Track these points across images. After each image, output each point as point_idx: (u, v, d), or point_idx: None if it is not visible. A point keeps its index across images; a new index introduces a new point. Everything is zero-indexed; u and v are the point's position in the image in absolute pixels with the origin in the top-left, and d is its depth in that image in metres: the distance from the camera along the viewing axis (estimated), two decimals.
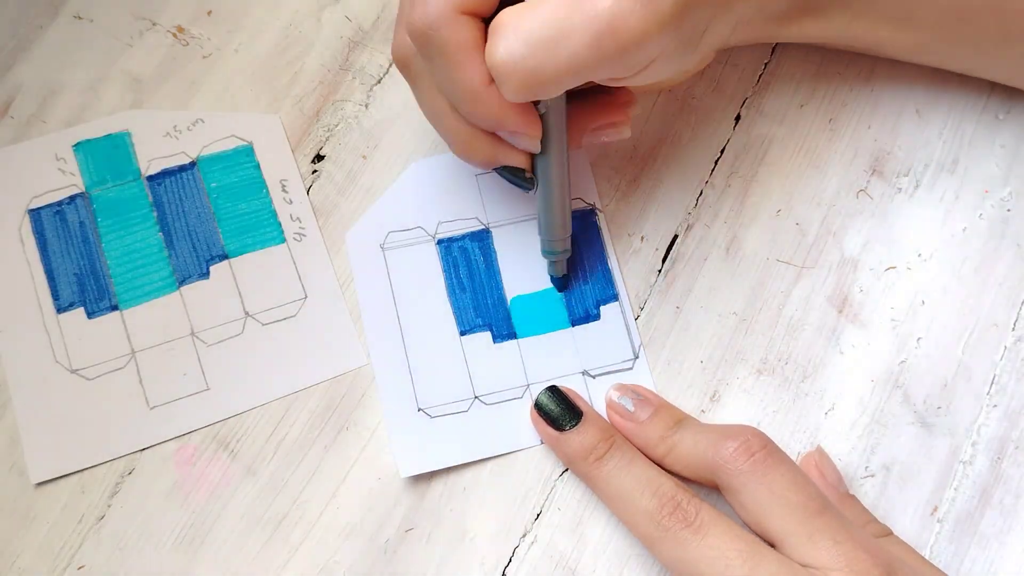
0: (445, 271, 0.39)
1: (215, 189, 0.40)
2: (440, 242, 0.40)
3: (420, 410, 0.38)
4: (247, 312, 0.39)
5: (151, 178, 0.41)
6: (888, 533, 0.35)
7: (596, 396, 0.38)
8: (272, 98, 0.42)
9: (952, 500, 0.37)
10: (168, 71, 0.42)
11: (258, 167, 0.41)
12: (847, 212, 0.40)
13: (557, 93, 0.32)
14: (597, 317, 0.39)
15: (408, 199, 0.40)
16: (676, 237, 0.40)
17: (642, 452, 0.35)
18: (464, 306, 0.39)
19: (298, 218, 0.40)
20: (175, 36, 0.43)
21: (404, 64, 0.34)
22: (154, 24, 0.43)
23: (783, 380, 0.38)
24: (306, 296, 0.39)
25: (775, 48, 0.42)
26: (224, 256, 0.40)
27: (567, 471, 0.37)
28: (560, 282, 0.39)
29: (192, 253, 0.40)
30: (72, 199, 0.40)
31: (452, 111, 0.34)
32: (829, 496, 0.34)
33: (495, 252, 0.40)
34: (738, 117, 0.41)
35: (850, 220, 0.40)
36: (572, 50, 0.30)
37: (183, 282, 0.39)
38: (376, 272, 0.39)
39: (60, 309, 0.39)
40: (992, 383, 0.38)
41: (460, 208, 0.40)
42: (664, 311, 0.39)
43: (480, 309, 0.39)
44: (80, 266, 0.40)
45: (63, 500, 0.37)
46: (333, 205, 0.41)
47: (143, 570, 0.37)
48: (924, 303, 0.39)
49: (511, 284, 0.39)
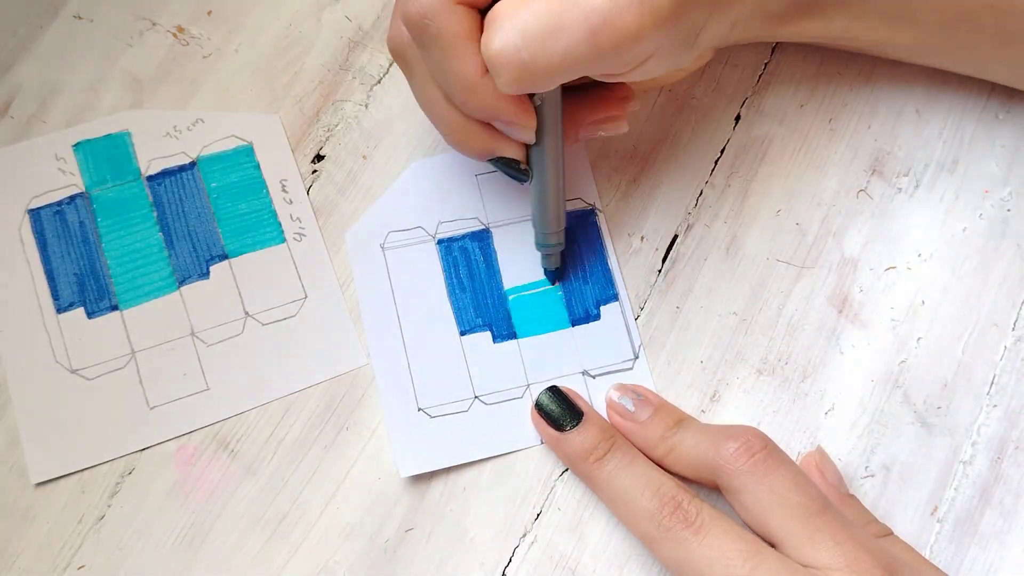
0: (445, 271, 0.39)
1: (215, 189, 0.40)
2: (440, 242, 0.40)
3: (420, 410, 0.38)
4: (247, 312, 0.39)
5: (151, 178, 0.41)
6: (888, 533, 0.35)
7: (596, 396, 0.38)
8: (272, 98, 0.42)
9: (952, 500, 0.37)
10: (168, 71, 0.42)
11: (258, 167, 0.41)
12: (847, 212, 0.40)
13: (552, 86, 0.32)
14: (597, 317, 0.39)
15: (408, 199, 0.40)
16: (676, 237, 0.40)
17: (642, 452, 0.35)
18: (464, 306, 0.39)
19: (298, 218, 0.40)
20: (175, 36, 0.43)
21: (399, 53, 0.34)
22: (154, 24, 0.43)
23: (783, 380, 0.38)
24: (306, 296, 0.39)
25: (775, 48, 0.42)
26: (224, 256, 0.40)
27: (567, 471, 0.37)
28: (553, 275, 0.39)
29: (192, 253, 0.40)
30: (72, 199, 0.40)
31: (447, 101, 0.33)
32: (829, 496, 0.34)
33: (495, 252, 0.40)
34: (738, 117, 0.41)
35: (850, 220, 0.40)
36: (567, 44, 0.30)
37: (183, 282, 0.39)
38: (376, 272, 0.39)
39: (60, 309, 0.39)
40: (992, 383, 0.38)
41: (460, 208, 0.40)
42: (664, 311, 0.39)
43: (480, 309, 0.39)
44: (80, 266, 0.40)
45: (63, 500, 0.37)
46: (333, 205, 0.41)
47: (143, 570, 0.37)
48: (924, 303, 0.39)
49: (511, 284, 0.39)
